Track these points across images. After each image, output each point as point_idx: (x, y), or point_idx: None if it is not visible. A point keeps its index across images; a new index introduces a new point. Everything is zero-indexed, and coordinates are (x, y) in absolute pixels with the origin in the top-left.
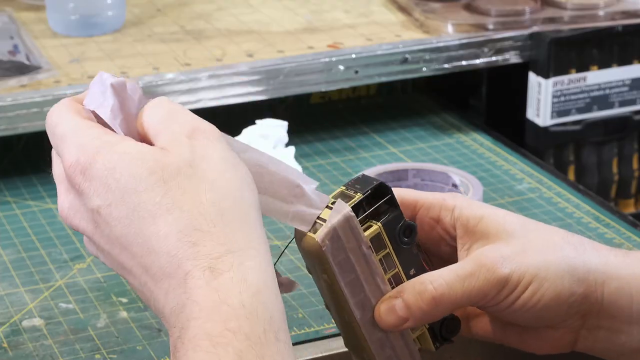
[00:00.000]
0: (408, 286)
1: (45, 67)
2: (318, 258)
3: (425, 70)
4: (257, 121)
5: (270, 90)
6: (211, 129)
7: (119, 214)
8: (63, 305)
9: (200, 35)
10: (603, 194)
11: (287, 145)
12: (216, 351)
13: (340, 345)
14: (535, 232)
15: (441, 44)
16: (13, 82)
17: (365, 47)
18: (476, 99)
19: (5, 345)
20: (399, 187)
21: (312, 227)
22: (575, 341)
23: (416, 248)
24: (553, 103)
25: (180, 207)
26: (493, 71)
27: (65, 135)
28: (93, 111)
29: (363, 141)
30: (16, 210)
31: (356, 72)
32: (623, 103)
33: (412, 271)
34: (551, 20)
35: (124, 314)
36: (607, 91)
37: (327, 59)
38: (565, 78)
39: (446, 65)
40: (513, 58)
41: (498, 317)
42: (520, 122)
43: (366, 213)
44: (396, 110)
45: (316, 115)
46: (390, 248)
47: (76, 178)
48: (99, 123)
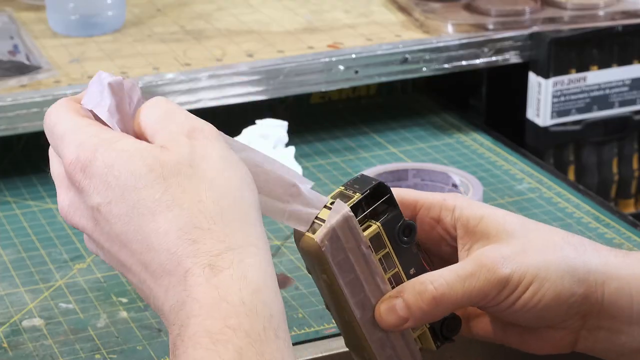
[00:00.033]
0: (408, 286)
1: (45, 67)
2: (317, 258)
3: (425, 70)
4: (257, 121)
5: (270, 90)
6: (209, 129)
7: (119, 212)
8: (63, 305)
9: (200, 35)
10: (603, 194)
11: (287, 145)
12: (216, 348)
13: (340, 345)
14: (535, 233)
15: (441, 44)
16: (13, 82)
17: (365, 47)
18: (476, 99)
19: (5, 345)
20: (399, 187)
21: (311, 228)
22: (575, 341)
23: (416, 247)
24: (553, 103)
25: (180, 205)
26: (493, 71)
27: (64, 134)
28: (91, 110)
29: (363, 141)
30: (16, 210)
31: (356, 72)
32: (623, 103)
33: (412, 270)
34: (551, 20)
35: (124, 314)
36: (607, 91)
37: (327, 59)
38: (565, 78)
39: (446, 65)
40: (513, 58)
41: (498, 318)
42: (520, 122)
43: (365, 213)
44: (396, 110)
45: (316, 115)
46: (389, 248)
47: (76, 176)
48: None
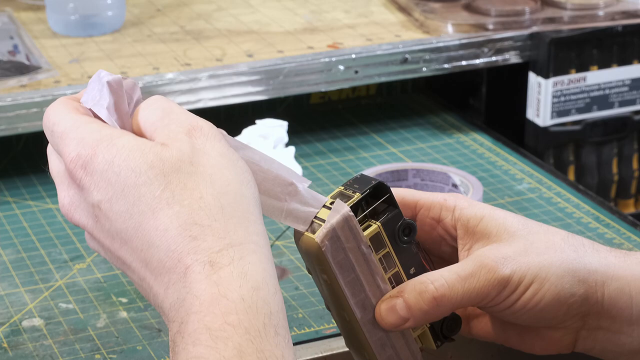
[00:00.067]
0: (408, 286)
1: (45, 67)
2: (317, 258)
3: (425, 70)
4: (257, 121)
5: (270, 90)
6: (209, 126)
7: (119, 208)
8: (63, 305)
9: (200, 35)
10: (603, 194)
11: (287, 145)
12: (216, 345)
13: (340, 345)
14: (535, 233)
15: (441, 44)
16: (13, 82)
17: (365, 47)
18: (476, 99)
19: (5, 345)
20: (399, 187)
21: (311, 227)
22: (575, 342)
23: (416, 247)
24: (553, 103)
25: (180, 202)
26: (493, 71)
27: (64, 132)
28: (90, 109)
29: (363, 141)
30: (16, 210)
31: (356, 72)
32: (623, 103)
33: (412, 270)
34: (551, 20)
35: (124, 314)
36: (607, 91)
37: (327, 59)
38: (565, 78)
39: (446, 65)
40: (513, 58)
41: (498, 318)
42: (520, 122)
43: (365, 212)
44: (396, 110)
45: (316, 115)
46: (389, 247)
47: (77, 173)
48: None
